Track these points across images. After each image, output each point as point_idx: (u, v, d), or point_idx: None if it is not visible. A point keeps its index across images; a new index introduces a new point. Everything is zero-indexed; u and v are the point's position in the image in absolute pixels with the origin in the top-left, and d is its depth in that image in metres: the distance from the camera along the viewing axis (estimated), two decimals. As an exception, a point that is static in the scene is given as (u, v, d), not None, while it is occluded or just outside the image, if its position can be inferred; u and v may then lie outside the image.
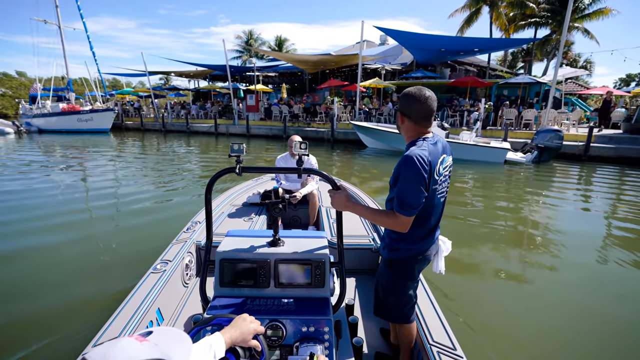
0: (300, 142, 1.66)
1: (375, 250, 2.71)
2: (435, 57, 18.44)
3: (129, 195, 6.95)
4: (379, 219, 1.53)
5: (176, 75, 28.29)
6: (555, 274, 3.89)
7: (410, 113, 1.51)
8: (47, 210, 5.82)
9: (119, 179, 8.74)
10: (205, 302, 1.70)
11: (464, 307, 3.04)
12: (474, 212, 6.18)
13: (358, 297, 2.46)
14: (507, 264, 4.14)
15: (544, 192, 7.60)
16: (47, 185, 7.76)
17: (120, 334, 1.59)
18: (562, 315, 3.04)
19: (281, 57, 21.00)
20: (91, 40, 21.69)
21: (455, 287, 3.39)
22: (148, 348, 0.64)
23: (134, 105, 26.94)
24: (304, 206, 3.65)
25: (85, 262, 3.93)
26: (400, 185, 1.43)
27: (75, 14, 22.20)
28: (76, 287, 3.37)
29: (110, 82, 46.99)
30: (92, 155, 13.00)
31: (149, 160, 11.91)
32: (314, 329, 1.42)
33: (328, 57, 18.06)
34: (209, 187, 1.66)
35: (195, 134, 21.26)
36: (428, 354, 1.59)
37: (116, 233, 4.87)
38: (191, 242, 2.66)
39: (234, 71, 25.18)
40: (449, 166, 1.59)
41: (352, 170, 10.79)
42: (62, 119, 22.92)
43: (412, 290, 1.69)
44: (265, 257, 1.60)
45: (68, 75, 23.87)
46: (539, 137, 10.40)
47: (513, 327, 2.86)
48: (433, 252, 1.67)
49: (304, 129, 17.24)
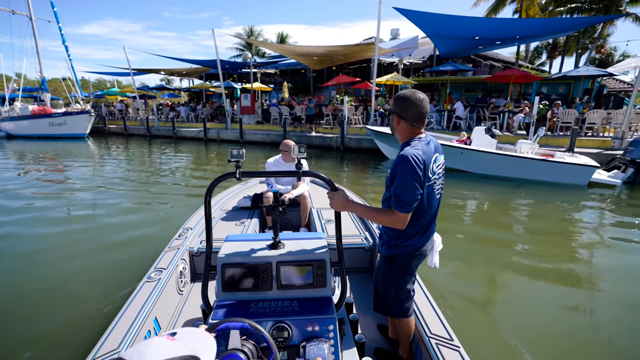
0: (300, 145, 1.67)
1: (367, 249, 2.75)
2: (464, 48, 15.45)
3: (112, 206, 6.44)
4: (378, 217, 1.58)
5: (166, 73, 25.56)
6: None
7: (406, 115, 1.57)
8: (25, 226, 5.37)
9: (99, 190, 7.83)
10: (209, 308, 1.68)
11: (457, 300, 3.18)
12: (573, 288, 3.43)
13: (354, 295, 2.48)
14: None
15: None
16: (17, 204, 6.64)
17: (119, 345, 1.60)
18: (554, 303, 3.22)
19: (282, 50, 18.15)
20: (63, 33, 18.95)
21: (448, 280, 3.56)
22: (180, 346, 0.67)
23: (117, 107, 24.21)
24: (294, 208, 3.59)
25: (76, 275, 3.77)
26: (396, 183, 1.49)
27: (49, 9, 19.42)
28: (70, 301, 3.27)
29: (94, 83, 44.42)
30: (65, 166, 11.39)
31: (127, 171, 10.28)
32: (318, 328, 1.44)
33: (336, 49, 15.13)
34: (209, 192, 1.65)
35: (183, 139, 18.49)
36: (427, 345, 1.64)
37: (105, 245, 4.58)
38: (184, 249, 2.65)
39: (229, 68, 22.38)
40: (442, 165, 1.65)
41: (365, 187, 8.10)
42: (33, 123, 20.21)
43: (410, 285, 1.75)
44: (266, 260, 1.60)
45: (42, 74, 21.16)
46: (637, 149, 7.43)
47: (507, 317, 3.00)
48: (429, 247, 1.72)
49: (307, 135, 14.36)
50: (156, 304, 1.98)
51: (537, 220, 5.85)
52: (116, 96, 29.03)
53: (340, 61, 18.76)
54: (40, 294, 3.47)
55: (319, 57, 17.59)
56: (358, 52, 15.94)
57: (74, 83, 20.81)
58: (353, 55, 16.99)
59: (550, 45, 28.11)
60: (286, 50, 17.49)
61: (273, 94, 26.52)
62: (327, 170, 10.11)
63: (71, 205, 6.60)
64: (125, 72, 22.26)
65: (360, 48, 15.02)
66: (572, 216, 6.02)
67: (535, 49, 31.29)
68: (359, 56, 17.23)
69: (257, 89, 21.07)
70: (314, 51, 16.18)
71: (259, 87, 21.06)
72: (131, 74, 20.75)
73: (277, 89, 26.92)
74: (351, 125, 14.68)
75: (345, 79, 15.98)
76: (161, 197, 7.36)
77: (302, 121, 16.16)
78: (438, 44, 15.57)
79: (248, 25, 34.46)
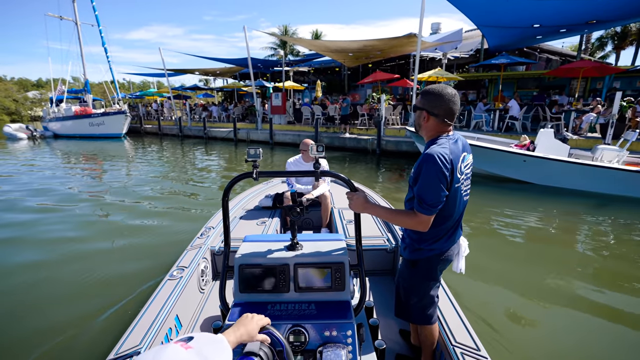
0: (317, 144, 1.61)
1: (390, 250, 2.68)
2: (519, 38, 13.67)
3: (139, 203, 6.60)
4: (399, 219, 1.53)
5: (200, 73, 25.68)
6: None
7: (437, 111, 1.49)
8: (57, 221, 5.62)
9: (129, 186, 8.34)
10: (226, 309, 1.69)
11: (484, 309, 2.99)
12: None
13: (375, 298, 2.44)
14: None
15: None
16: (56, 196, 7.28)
17: (141, 342, 1.60)
18: (589, 318, 2.96)
19: (316, 47, 17.27)
20: (103, 36, 19.41)
21: (474, 287, 3.35)
22: (194, 355, 0.68)
23: (154, 107, 24.66)
24: (315, 208, 3.59)
25: (101, 271, 3.78)
26: (420, 183, 1.42)
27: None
28: (93, 297, 3.30)
29: (139, 85, 46.38)
30: (101, 167, 11.61)
31: (157, 173, 9.94)
32: (336, 333, 1.39)
33: (373, 43, 13.90)
34: (227, 192, 1.63)
35: (213, 139, 18.24)
36: (451, 354, 1.57)
37: (130, 243, 4.64)
38: (206, 248, 2.66)
39: (262, 67, 21.94)
40: (470, 164, 1.57)
41: (403, 196, 6.83)
42: (76, 123, 21.01)
43: (434, 291, 1.68)
44: (284, 261, 1.57)
45: (85, 76, 21.95)
46: None
47: (535, 329, 2.79)
48: (455, 252, 1.65)
49: (341, 136, 13.35)
50: (177, 302, 2.00)
51: (616, 246, 4.51)
52: (154, 97, 29.77)
53: (376, 57, 17.52)
54: (64, 288, 3.53)
55: (354, 53, 16.48)
56: (396, 46, 14.65)
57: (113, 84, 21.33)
58: (391, 51, 15.69)
59: (617, 35, 24.79)
60: (320, 47, 16.53)
61: (306, 93, 25.81)
62: (362, 176, 9.06)
63: (101, 205, 6.63)
64: (160, 73, 22.52)
65: (399, 42, 13.71)
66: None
67: (599, 40, 27.79)
68: (398, 51, 15.91)
69: (288, 88, 20.36)
70: (348, 46, 15.12)
71: (290, 86, 20.35)
72: (166, 75, 20.90)
73: (310, 88, 26.21)
74: (388, 126, 13.47)
75: (382, 75, 14.76)
76: (188, 197, 7.32)
77: (335, 121, 15.19)
78: (488, 35, 13.87)
79: (282, 25, 34.06)
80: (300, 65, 21.73)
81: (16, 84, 49.39)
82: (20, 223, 5.55)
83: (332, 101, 16.49)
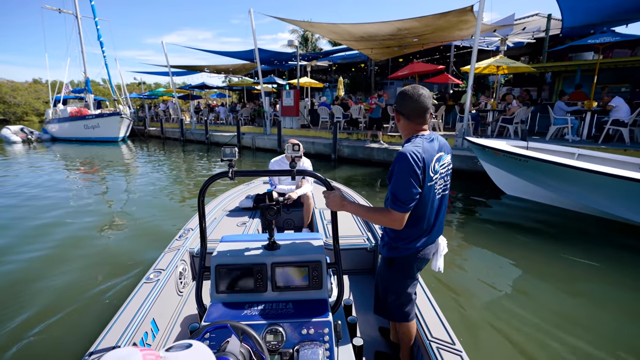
0: (294, 144, 1.63)
1: (370, 249, 2.70)
2: (612, 13, 10.05)
3: (114, 205, 6.46)
4: (374, 216, 1.55)
5: (210, 71, 23.34)
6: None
7: (405, 111, 1.54)
8: (36, 221, 5.43)
9: (108, 191, 7.80)
10: (202, 310, 1.67)
11: (460, 303, 3.04)
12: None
13: (356, 296, 2.45)
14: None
15: None
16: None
17: (115, 345, 1.55)
18: (561, 311, 2.99)
19: (337, 34, 14.21)
20: (99, 28, 17.34)
21: (452, 283, 3.37)
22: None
23: (161, 108, 22.55)
24: (297, 209, 3.61)
25: (74, 274, 3.68)
26: (393, 181, 1.45)
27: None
28: (67, 300, 3.16)
29: (150, 85, 45.36)
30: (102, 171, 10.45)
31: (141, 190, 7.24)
32: (313, 331, 1.41)
33: (410, 24, 10.65)
34: (202, 192, 1.61)
35: (216, 145, 15.65)
36: (428, 350, 1.61)
37: (105, 245, 4.55)
38: (184, 250, 2.63)
39: (277, 62, 19.21)
40: (447, 164, 1.59)
41: (462, 242, 4.60)
42: (72, 125, 19.12)
43: (412, 289, 1.70)
44: (261, 261, 1.58)
45: (86, 74, 20.09)
46: None
47: (509, 322, 2.82)
48: (432, 250, 1.67)
49: (367, 146, 10.24)
50: (154, 305, 1.96)
51: None
52: (163, 97, 27.85)
53: (412, 47, 14.18)
54: (41, 289, 3.39)
55: (383, 42, 13.25)
56: (442, 28, 11.33)
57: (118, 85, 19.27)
58: (432, 37, 12.32)
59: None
60: (341, 33, 13.39)
61: (327, 92, 22.85)
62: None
63: (79, 212, 6.00)
64: (163, 72, 20.33)
65: (446, 21, 10.39)
66: None
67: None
68: (441, 37, 12.52)
69: (304, 85, 17.45)
70: (378, 31, 11.99)
71: (306, 83, 17.42)
72: (169, 72, 18.60)
73: (331, 87, 23.23)
74: (429, 132, 10.21)
75: (422, 67, 11.51)
76: (165, 195, 6.93)
77: (359, 125, 12.09)
78: (567, 10, 10.33)
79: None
80: (320, 60, 18.73)
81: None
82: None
83: (355, 101, 13.38)
